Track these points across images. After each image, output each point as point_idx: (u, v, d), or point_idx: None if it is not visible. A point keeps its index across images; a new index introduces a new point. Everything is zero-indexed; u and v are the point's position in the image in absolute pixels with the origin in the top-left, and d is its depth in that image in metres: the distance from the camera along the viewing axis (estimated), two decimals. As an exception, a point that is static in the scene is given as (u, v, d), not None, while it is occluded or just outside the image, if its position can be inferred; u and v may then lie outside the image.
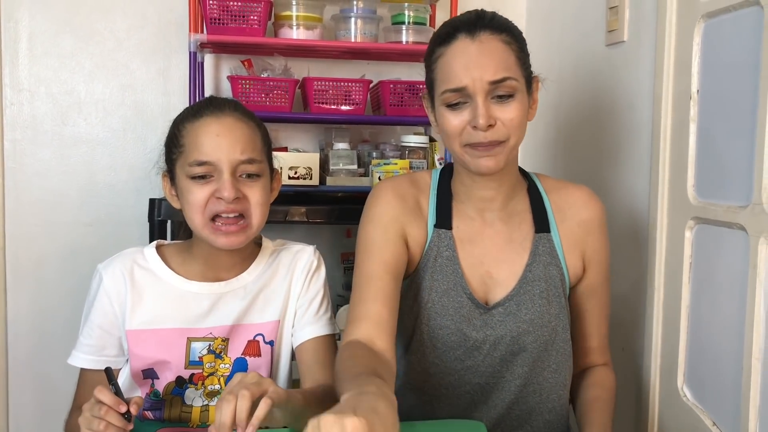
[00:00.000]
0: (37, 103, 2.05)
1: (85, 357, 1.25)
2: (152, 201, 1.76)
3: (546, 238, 1.29)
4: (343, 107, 1.93)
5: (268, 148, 1.28)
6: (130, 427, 1.03)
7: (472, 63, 1.15)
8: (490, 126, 1.16)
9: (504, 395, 1.26)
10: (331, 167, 1.90)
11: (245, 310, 1.26)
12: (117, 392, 1.06)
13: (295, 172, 1.83)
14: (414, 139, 1.94)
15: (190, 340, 1.23)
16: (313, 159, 1.85)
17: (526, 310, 1.25)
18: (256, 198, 1.20)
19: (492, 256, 1.27)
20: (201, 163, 1.17)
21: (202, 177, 1.17)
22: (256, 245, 1.33)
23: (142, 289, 1.24)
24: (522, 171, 1.35)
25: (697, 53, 1.41)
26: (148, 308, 1.23)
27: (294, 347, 1.31)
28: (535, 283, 1.26)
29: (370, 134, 2.15)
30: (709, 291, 1.39)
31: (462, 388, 1.25)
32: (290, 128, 2.16)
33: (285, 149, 2.01)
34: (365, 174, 1.92)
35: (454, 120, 1.18)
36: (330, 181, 1.89)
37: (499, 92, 1.16)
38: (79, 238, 2.07)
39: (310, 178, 1.84)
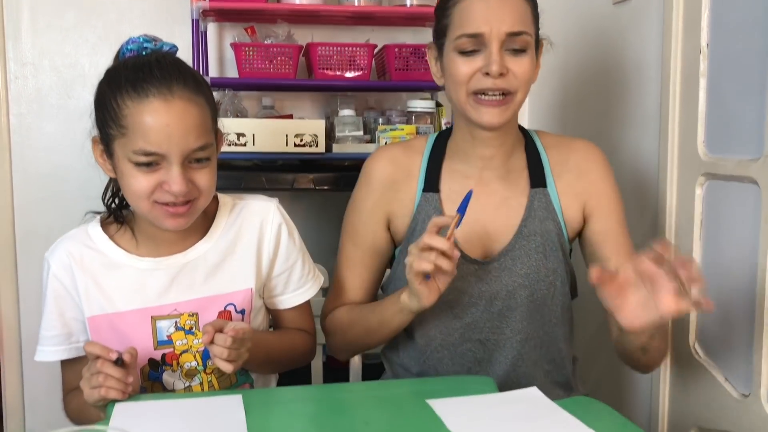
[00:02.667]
0: (42, 77, 2.05)
1: (52, 349, 1.18)
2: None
3: (542, 193, 1.28)
4: (348, 73, 1.91)
5: (215, 115, 1.16)
6: (130, 378, 1.02)
7: (492, 12, 1.16)
8: (502, 75, 1.16)
9: (506, 352, 1.25)
10: (337, 134, 1.89)
11: (210, 280, 1.18)
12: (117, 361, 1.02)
13: (301, 140, 1.81)
14: (420, 104, 1.92)
15: (154, 319, 1.15)
16: (318, 126, 1.83)
17: (521, 265, 1.24)
18: (206, 183, 1.10)
19: (488, 214, 1.27)
20: (148, 153, 1.04)
21: (147, 164, 1.05)
22: (212, 202, 1.22)
23: (94, 272, 1.15)
24: (521, 128, 1.34)
25: (706, 7, 1.39)
26: (104, 292, 1.15)
27: (272, 307, 1.28)
28: (531, 237, 1.26)
29: (376, 101, 2.14)
30: (720, 248, 1.38)
31: (464, 346, 1.25)
32: (295, 96, 2.15)
33: (290, 116, 2.00)
34: (372, 140, 1.91)
35: (465, 67, 1.18)
36: (336, 148, 1.88)
37: (514, 45, 1.17)
38: (88, 210, 2.07)
39: (316, 146, 1.83)
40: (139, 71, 1.07)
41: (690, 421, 1.45)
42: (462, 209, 1.10)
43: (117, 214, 1.19)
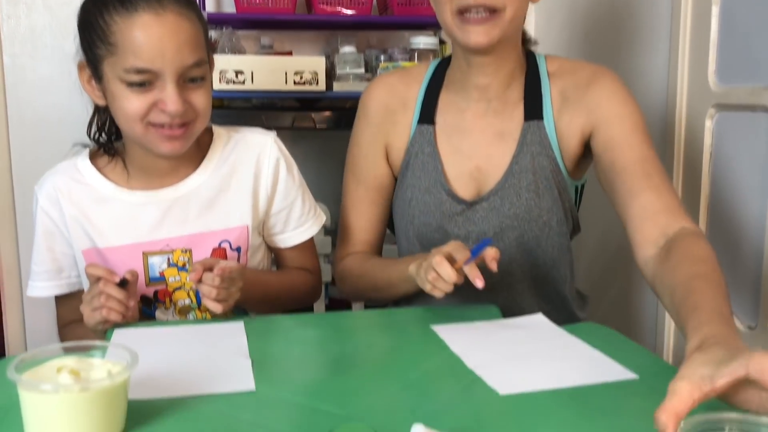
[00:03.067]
0: (35, 16, 1.99)
1: (43, 284, 1.15)
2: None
3: (537, 126, 1.19)
4: (348, 11, 1.86)
5: (207, 33, 1.11)
6: (132, 302, 1.00)
7: None
8: None
9: (497, 294, 1.19)
10: (337, 72, 1.85)
11: (204, 215, 1.14)
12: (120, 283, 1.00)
13: (301, 77, 1.77)
14: (424, 41, 1.87)
15: (145, 254, 1.12)
16: (318, 63, 1.79)
17: (510, 204, 1.18)
18: (202, 104, 1.06)
19: (481, 150, 1.22)
20: (141, 71, 1.00)
21: (140, 84, 1.01)
22: (206, 134, 1.18)
23: (83, 206, 1.12)
24: (528, 54, 1.25)
25: (721, -70, 1.34)
26: (94, 226, 1.12)
27: (273, 246, 1.25)
28: (522, 175, 1.18)
29: (378, 40, 2.09)
30: (729, 181, 1.35)
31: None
32: (294, 34, 2.10)
33: (290, 54, 1.96)
34: (374, 78, 1.86)
35: None
36: (337, 86, 1.84)
37: None
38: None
39: (316, 84, 1.79)
40: None
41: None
42: (474, 253, 0.98)
43: (107, 146, 1.15)
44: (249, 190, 1.17)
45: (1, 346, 2.18)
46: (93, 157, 1.16)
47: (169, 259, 1.13)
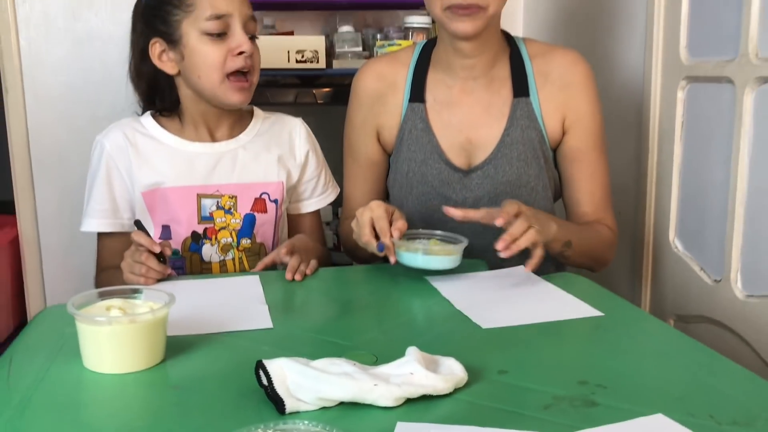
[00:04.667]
0: (48, 1, 2.09)
1: (99, 221, 1.30)
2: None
3: (525, 102, 1.33)
4: (346, -10, 1.97)
5: None
6: (168, 270, 1.14)
7: None
8: None
9: (491, 253, 1.27)
10: (336, 50, 1.96)
11: (248, 168, 1.33)
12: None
13: (302, 56, 1.88)
14: (417, 20, 1.98)
15: (199, 196, 1.30)
16: (318, 42, 1.90)
17: (503, 172, 1.32)
18: (258, 57, 1.29)
19: (471, 123, 1.34)
20: (219, 16, 1.22)
21: (218, 35, 1.23)
22: (247, 112, 1.40)
23: (146, 153, 1.29)
24: (508, 37, 1.39)
25: None
26: (156, 170, 1.29)
27: (293, 212, 1.43)
28: (513, 146, 1.32)
29: (374, 19, 2.19)
30: (699, 148, 1.47)
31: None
32: (295, 14, 2.20)
33: (291, 33, 2.06)
34: (371, 56, 1.97)
35: None
36: (336, 64, 1.95)
37: None
38: (98, 131, 2.14)
39: (317, 62, 1.90)
40: None
41: (669, 311, 1.57)
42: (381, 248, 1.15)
43: (169, 105, 1.33)
44: (286, 154, 1.38)
45: (23, 315, 2.31)
46: (154, 116, 1.34)
47: (218, 202, 1.31)
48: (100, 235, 1.33)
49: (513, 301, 1.03)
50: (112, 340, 0.79)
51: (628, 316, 1.00)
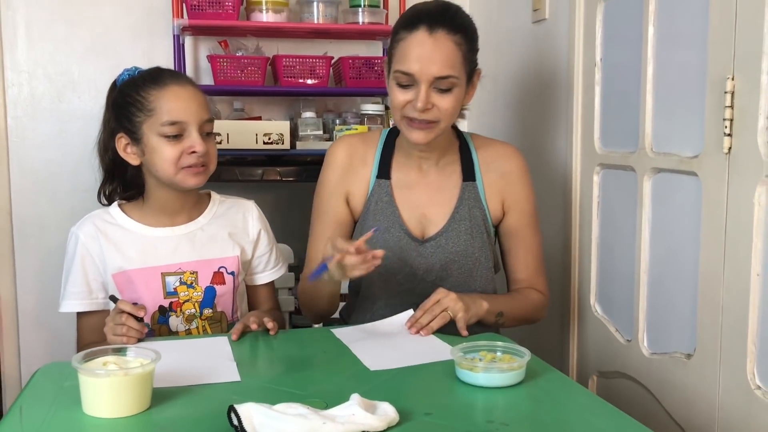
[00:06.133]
0: (35, 83, 2.28)
1: (76, 302, 1.46)
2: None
3: (471, 186, 1.57)
4: (309, 81, 2.20)
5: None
6: (146, 330, 1.30)
7: (424, 56, 1.37)
8: (427, 109, 1.41)
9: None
10: (300, 133, 2.18)
11: (206, 247, 1.49)
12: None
13: (269, 138, 2.10)
14: (371, 108, 2.22)
15: (163, 275, 1.45)
16: (284, 126, 2.12)
17: (453, 244, 1.53)
18: (214, 151, 1.47)
19: (426, 200, 1.56)
20: (174, 123, 1.37)
21: (174, 136, 1.38)
22: (205, 195, 1.57)
23: (115, 240, 1.46)
24: (458, 132, 1.62)
25: (599, 28, 1.71)
26: (124, 255, 1.44)
27: (249, 283, 1.60)
28: (462, 222, 1.54)
29: (334, 104, 2.43)
30: (611, 223, 1.70)
31: (403, 307, 1.49)
32: (263, 101, 2.43)
33: (259, 118, 2.28)
34: (330, 138, 2.20)
35: (400, 96, 1.43)
36: (300, 145, 2.17)
37: (440, 85, 1.39)
38: (78, 204, 2.29)
39: (282, 143, 2.11)
40: (152, 73, 1.44)
41: (592, 367, 1.78)
42: (319, 271, 1.34)
43: (133, 195, 1.50)
44: (240, 232, 1.55)
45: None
46: (120, 206, 1.51)
47: (180, 278, 1.47)
48: (79, 314, 1.48)
49: (404, 350, 1.29)
50: (110, 389, 0.96)
51: (536, 365, 1.20)
